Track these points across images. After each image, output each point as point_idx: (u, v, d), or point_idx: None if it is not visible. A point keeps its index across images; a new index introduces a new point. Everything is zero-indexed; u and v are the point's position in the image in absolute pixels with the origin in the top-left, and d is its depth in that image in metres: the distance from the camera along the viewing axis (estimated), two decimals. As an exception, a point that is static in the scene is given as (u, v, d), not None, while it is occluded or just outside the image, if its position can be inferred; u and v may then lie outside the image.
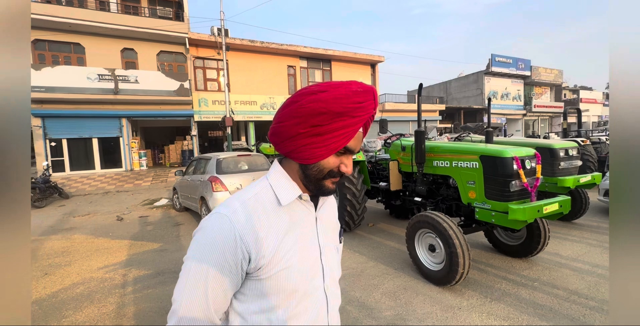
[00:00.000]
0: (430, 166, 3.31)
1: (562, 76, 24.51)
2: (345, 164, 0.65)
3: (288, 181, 0.68)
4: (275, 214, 0.65)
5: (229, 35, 13.31)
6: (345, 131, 0.61)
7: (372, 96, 0.63)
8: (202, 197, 5.15)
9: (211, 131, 18.75)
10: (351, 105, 0.60)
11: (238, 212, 0.61)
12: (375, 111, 0.65)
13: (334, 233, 0.78)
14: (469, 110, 21.35)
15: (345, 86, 0.62)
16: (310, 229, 0.70)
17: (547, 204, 2.53)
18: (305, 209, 0.70)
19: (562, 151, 4.01)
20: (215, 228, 0.60)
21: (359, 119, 0.61)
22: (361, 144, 0.67)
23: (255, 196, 0.65)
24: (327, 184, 0.66)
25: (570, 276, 3.03)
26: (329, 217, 0.78)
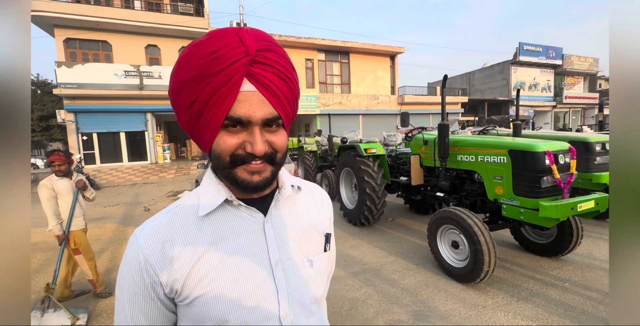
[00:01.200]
0: (453, 161, 3.20)
1: (597, 65, 22.82)
2: (249, 141, 0.47)
3: (213, 184, 0.54)
4: (196, 227, 0.52)
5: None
6: (215, 96, 0.45)
7: (231, 37, 0.45)
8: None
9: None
10: (201, 61, 0.44)
11: (147, 229, 0.52)
12: (252, 53, 0.45)
13: (306, 242, 0.59)
14: (493, 102, 20.41)
15: (194, 41, 0.48)
16: (253, 241, 0.53)
17: (582, 201, 2.39)
18: (243, 216, 0.54)
19: (599, 145, 3.75)
20: (126, 252, 0.52)
21: (224, 73, 0.44)
22: (266, 109, 0.47)
23: (177, 207, 0.54)
24: (240, 174, 0.49)
25: (605, 278, 2.86)
26: (295, 221, 0.59)
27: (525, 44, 19.83)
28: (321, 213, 0.65)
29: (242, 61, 0.45)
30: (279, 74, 0.48)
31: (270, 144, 0.49)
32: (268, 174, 0.50)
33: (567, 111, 22.67)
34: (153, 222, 0.53)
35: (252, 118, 0.46)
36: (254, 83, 0.46)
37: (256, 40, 0.46)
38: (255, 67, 0.46)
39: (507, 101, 19.96)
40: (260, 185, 0.50)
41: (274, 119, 0.48)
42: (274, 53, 0.48)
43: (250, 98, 0.46)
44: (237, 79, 0.45)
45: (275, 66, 0.47)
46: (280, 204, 0.58)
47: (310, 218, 0.61)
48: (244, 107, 0.46)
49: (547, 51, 20.55)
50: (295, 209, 0.60)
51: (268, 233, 0.54)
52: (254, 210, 0.55)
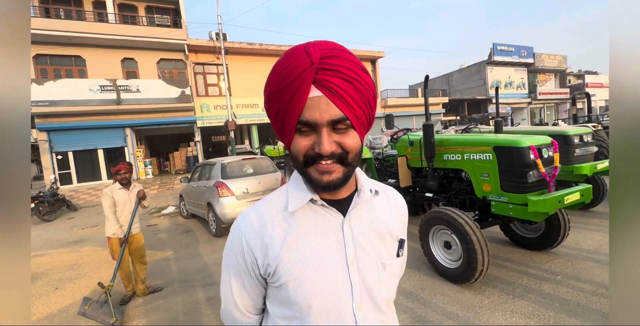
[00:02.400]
0: (440, 160, 3.20)
1: (566, 62, 24.00)
2: (318, 142, 0.52)
3: (301, 184, 0.61)
4: (284, 221, 0.60)
5: (227, 39, 13.30)
6: (290, 104, 0.51)
7: (300, 51, 0.52)
8: (209, 203, 5.11)
9: (214, 136, 18.79)
10: (278, 76, 0.52)
11: (248, 218, 0.61)
12: (316, 61, 0.50)
13: (380, 245, 0.63)
14: (472, 101, 21.04)
15: (277, 61, 0.55)
16: (333, 239, 0.59)
17: (568, 194, 2.41)
18: (324, 215, 0.60)
19: (577, 137, 3.86)
20: (230, 235, 0.63)
21: (294, 84, 0.50)
22: (332, 110, 0.51)
23: (269, 202, 0.63)
24: (312, 173, 0.54)
25: (595, 268, 2.89)
26: (371, 224, 0.63)
27: (498, 45, 20.65)
28: (396, 218, 0.68)
29: (308, 70, 0.50)
30: (344, 77, 0.51)
31: (339, 145, 0.53)
32: (339, 175, 0.54)
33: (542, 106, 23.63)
34: (252, 212, 0.62)
35: (318, 120, 0.51)
36: (320, 89, 0.50)
37: (321, 50, 0.51)
38: (321, 74, 0.50)
39: (486, 100, 20.61)
40: (330, 185, 0.54)
41: (340, 120, 0.51)
42: (339, 58, 0.51)
43: (317, 103, 0.50)
44: (305, 87, 0.50)
45: (340, 70, 0.51)
46: (359, 207, 0.62)
47: (386, 222, 0.65)
48: (311, 112, 0.51)
49: (519, 50, 21.46)
50: (372, 212, 0.64)
51: (346, 233, 0.59)
52: (335, 211, 0.60)
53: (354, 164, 0.55)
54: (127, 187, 3.09)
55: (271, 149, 10.55)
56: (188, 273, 3.74)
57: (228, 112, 11.13)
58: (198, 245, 4.85)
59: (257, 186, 5.04)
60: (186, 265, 4.01)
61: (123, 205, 3.01)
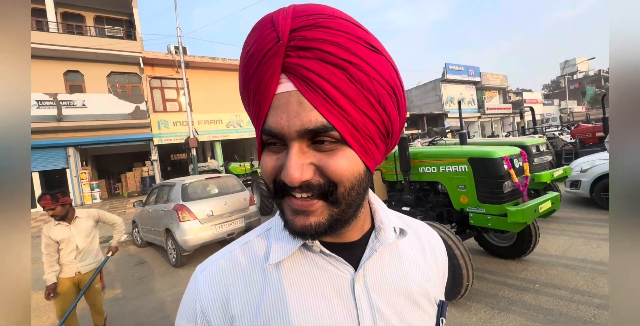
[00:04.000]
0: (416, 173, 3.16)
1: (507, 80, 26.95)
2: (285, 164, 0.33)
3: None
4: (263, 278, 0.40)
5: (188, 53, 12.82)
6: (254, 105, 0.35)
7: (266, 22, 0.33)
8: (167, 229, 4.56)
9: (174, 154, 17.66)
10: (242, 65, 0.35)
11: (208, 272, 0.42)
12: (284, 36, 0.31)
13: (412, 314, 0.42)
14: (430, 116, 22.46)
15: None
16: (338, 305, 0.38)
17: (541, 202, 2.47)
18: (325, 267, 0.40)
19: (534, 147, 4.12)
20: (186, 291, 0.43)
21: (257, 73, 0.32)
22: (305, 115, 0.32)
23: (246, 245, 0.44)
24: (286, 210, 0.36)
25: (566, 273, 2.98)
26: (398, 282, 0.42)
27: (450, 64, 22.60)
28: (433, 270, 0.47)
29: (272, 51, 0.31)
30: (329, 58, 0.31)
31: (320, 171, 0.33)
32: (321, 219, 0.35)
33: (490, 120, 26.01)
34: (216, 262, 0.43)
35: (285, 130, 0.32)
36: (293, 79, 0.31)
37: (294, 18, 0.31)
38: (293, 56, 0.31)
39: (442, 114, 22.13)
40: (305, 232, 0.35)
41: (320, 131, 0.32)
42: (321, 29, 0.31)
43: (286, 102, 0.32)
44: (269, 78, 0.32)
45: (320, 48, 0.31)
46: (378, 255, 0.42)
47: (419, 278, 0.44)
48: (276, 116, 0.33)
49: (468, 70, 23.66)
50: (399, 263, 0.43)
51: (359, 296, 0.39)
52: (341, 261, 0.40)
53: (346, 202, 0.35)
54: (68, 220, 2.58)
55: (237, 166, 10.06)
56: (140, 315, 3.19)
57: (189, 128, 10.49)
58: (154, 279, 4.24)
59: (223, 207, 4.63)
60: (139, 305, 3.43)
61: (66, 243, 2.51)
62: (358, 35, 0.32)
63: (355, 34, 0.32)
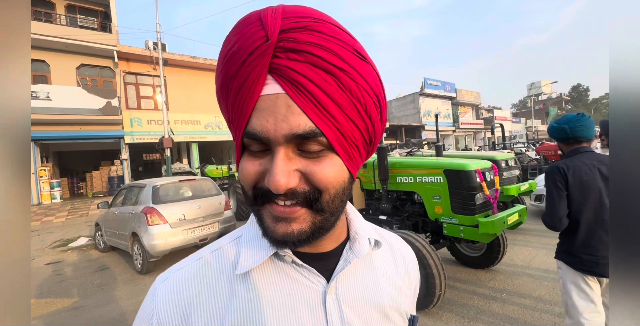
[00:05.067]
0: (393, 183, 3.21)
1: (479, 98, 28.55)
2: (269, 170, 0.31)
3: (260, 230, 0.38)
4: (229, 289, 0.37)
5: (167, 50, 12.43)
6: (235, 106, 0.32)
7: (254, 20, 0.31)
8: (134, 233, 4.29)
9: (147, 154, 16.86)
10: (223, 62, 0.32)
11: (169, 283, 0.38)
12: (273, 36, 0.29)
13: (382, 325, 0.41)
14: (408, 127, 23.22)
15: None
16: (308, 319, 0.37)
17: (509, 214, 2.58)
18: (297, 278, 0.38)
19: (504, 162, 4.35)
20: (144, 303, 0.40)
21: (240, 73, 0.30)
22: (293, 119, 0.30)
23: (213, 253, 0.40)
24: (266, 217, 0.34)
25: (530, 282, 3.12)
26: (371, 295, 0.41)
27: (428, 79, 23.62)
28: (405, 283, 0.46)
29: (260, 50, 0.29)
30: (320, 63, 0.30)
31: (305, 178, 0.32)
32: (304, 226, 0.34)
33: (464, 134, 27.33)
34: (178, 272, 0.39)
35: (271, 134, 0.31)
36: (281, 81, 0.30)
37: (284, 18, 0.30)
38: (282, 58, 0.30)
39: (420, 126, 22.95)
40: (287, 240, 0.33)
41: (308, 136, 0.31)
42: (312, 32, 0.30)
43: (273, 104, 0.30)
44: (255, 78, 0.30)
45: (313, 52, 0.30)
46: (351, 267, 0.41)
47: (392, 290, 0.44)
48: (261, 119, 0.31)
49: (445, 85, 24.84)
50: (372, 276, 0.43)
51: (330, 309, 0.38)
52: (314, 272, 0.39)
53: (330, 210, 0.34)
54: None
55: (213, 169, 9.77)
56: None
57: (164, 127, 10.08)
58: (115, 287, 3.94)
59: (196, 211, 4.44)
60: (98, 315, 3.16)
61: None
62: (348, 42, 0.32)
63: (345, 40, 0.32)
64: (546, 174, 1.64)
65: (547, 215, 1.59)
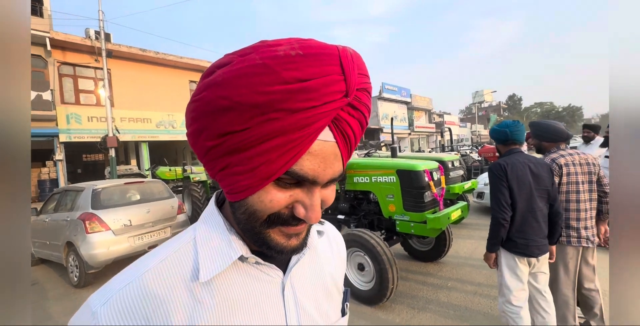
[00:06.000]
0: (350, 183, 3.32)
1: (432, 103, 30.72)
2: (304, 203, 0.35)
3: (222, 235, 0.39)
4: (192, 298, 0.36)
5: (112, 40, 11.35)
6: (284, 139, 0.31)
7: (333, 62, 0.31)
8: (69, 242, 3.83)
9: (87, 155, 15.21)
10: (280, 87, 0.30)
11: (113, 305, 0.34)
12: (351, 94, 0.32)
13: (327, 304, 0.48)
14: (368, 130, 24.09)
15: (269, 49, 0.32)
16: (270, 311, 0.40)
17: (453, 211, 2.82)
18: (259, 276, 0.41)
19: (450, 162, 4.74)
20: None
21: (305, 115, 0.31)
22: (336, 166, 0.35)
23: (161, 263, 0.37)
24: (274, 236, 0.36)
25: (472, 272, 3.44)
26: (317, 279, 0.47)
27: (386, 84, 24.77)
28: (339, 264, 0.54)
29: (337, 104, 0.32)
30: (363, 121, 0.36)
31: (320, 202, 0.36)
32: (305, 234, 0.40)
33: (418, 137, 29.18)
34: (121, 292, 0.35)
35: (319, 178, 0.34)
36: (334, 131, 0.34)
37: (359, 75, 0.33)
38: (344, 112, 0.33)
39: (379, 129, 23.98)
40: (297, 249, 0.38)
41: (338, 179, 0.37)
42: (367, 93, 0.35)
43: (325, 151, 0.34)
44: (321, 126, 0.32)
45: (363, 112, 0.35)
46: (303, 257, 0.45)
47: (331, 272, 0.50)
48: (314, 163, 0.33)
49: (401, 91, 26.27)
50: (317, 262, 0.49)
51: (287, 298, 0.42)
52: (274, 268, 0.42)
53: None
54: None
55: (166, 170, 9.14)
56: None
57: (108, 125, 9.18)
58: (47, 303, 3.49)
59: (145, 216, 4.11)
60: (19, 339, 2.76)
61: None
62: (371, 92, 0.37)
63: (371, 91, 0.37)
64: (490, 171, 1.86)
65: (496, 205, 1.80)
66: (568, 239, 1.99)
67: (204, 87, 0.33)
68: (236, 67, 0.31)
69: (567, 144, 2.17)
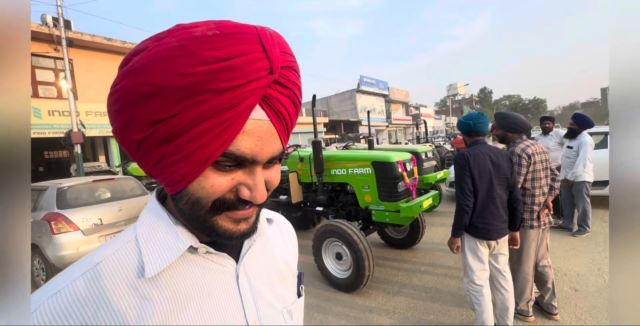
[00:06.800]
0: (328, 175, 3.38)
1: (408, 96, 31.38)
2: (247, 184, 0.35)
3: (168, 228, 0.38)
4: (138, 295, 0.35)
5: (72, 28, 10.55)
6: (215, 121, 0.31)
7: (253, 40, 0.32)
8: (34, 245, 3.63)
9: (49, 152, 14.20)
10: (202, 67, 0.29)
11: (45, 313, 0.31)
12: (276, 71, 0.33)
13: (283, 288, 0.49)
14: (347, 122, 24.29)
15: (185, 31, 0.31)
16: (226, 301, 0.40)
17: (424, 199, 2.97)
18: (211, 266, 0.40)
19: (423, 154, 4.93)
20: None
21: (232, 94, 0.31)
22: (274, 144, 0.36)
23: (100, 265, 0.35)
24: (222, 223, 0.36)
25: (443, 256, 3.66)
26: (271, 264, 0.48)
27: (364, 77, 24.93)
28: (292, 249, 0.55)
29: (263, 81, 0.32)
30: (294, 99, 0.37)
31: (265, 184, 0.37)
32: (254, 219, 0.39)
33: (395, 129, 29.80)
34: (53, 299, 0.32)
35: (258, 157, 0.34)
36: (267, 110, 0.34)
37: (281, 53, 0.34)
38: (273, 89, 0.34)
39: (357, 122, 24.20)
40: (247, 234, 0.38)
41: (278, 157, 0.37)
42: (294, 72, 0.36)
43: (259, 129, 0.34)
44: (251, 104, 0.32)
45: (292, 89, 0.36)
46: (255, 244, 0.46)
47: (284, 257, 0.52)
48: (250, 142, 0.33)
49: (379, 83, 26.58)
50: (269, 248, 0.49)
51: (242, 285, 0.42)
52: (225, 257, 0.42)
53: (264, 202, 0.39)
54: None
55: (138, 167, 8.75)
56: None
57: (71, 120, 8.61)
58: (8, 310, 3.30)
59: (116, 214, 3.96)
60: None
61: None
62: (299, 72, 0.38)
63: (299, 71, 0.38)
64: (454, 160, 1.98)
65: (460, 192, 1.93)
66: (531, 222, 2.17)
67: (122, 76, 0.32)
68: (153, 52, 0.31)
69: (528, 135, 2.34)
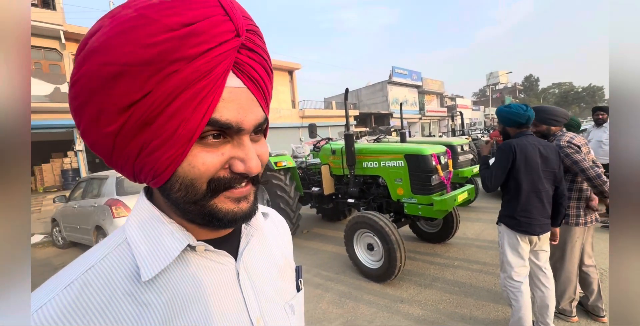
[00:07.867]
0: (360, 168, 3.43)
1: (443, 86, 29.87)
2: (238, 157, 0.33)
3: (160, 226, 0.36)
4: (134, 301, 0.33)
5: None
6: (191, 92, 0.29)
7: (212, 4, 0.30)
8: (98, 226, 4.14)
9: (105, 144, 15.68)
10: (167, 35, 0.28)
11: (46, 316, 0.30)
12: (242, 33, 0.32)
13: (283, 283, 0.47)
14: (378, 115, 23.83)
15: (140, 0, 0.30)
16: (228, 299, 0.39)
17: (459, 193, 2.91)
18: (211, 266, 0.38)
19: (459, 147, 4.76)
20: None
21: (203, 60, 0.29)
22: (257, 111, 0.35)
23: (91, 270, 0.33)
24: (222, 204, 0.34)
25: (478, 252, 3.56)
26: (269, 259, 0.47)
27: (396, 68, 24.14)
28: (287, 243, 0.55)
29: (232, 44, 0.31)
30: (265, 65, 0.36)
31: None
32: (253, 198, 0.38)
33: (429, 122, 28.62)
34: (41, 310, 0.30)
35: (244, 124, 0.33)
36: (241, 76, 0.33)
37: (243, 17, 0.33)
38: (243, 54, 0.33)
39: (388, 114, 23.63)
40: (249, 214, 0.36)
41: (263, 124, 0.36)
42: (259, 36, 0.35)
43: (239, 97, 0.33)
44: (225, 69, 0.31)
45: (262, 55, 0.35)
46: (249, 239, 0.44)
47: (281, 251, 0.51)
48: (232, 110, 0.32)
49: (412, 74, 25.59)
50: (266, 243, 0.48)
51: (244, 283, 0.41)
52: (224, 254, 0.40)
53: (259, 180, 0.38)
54: None
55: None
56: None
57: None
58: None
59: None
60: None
61: None
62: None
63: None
64: (499, 149, 1.91)
65: (488, 177, 1.90)
66: (577, 219, 2.05)
67: (80, 63, 0.30)
68: (111, 27, 0.28)
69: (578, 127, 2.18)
